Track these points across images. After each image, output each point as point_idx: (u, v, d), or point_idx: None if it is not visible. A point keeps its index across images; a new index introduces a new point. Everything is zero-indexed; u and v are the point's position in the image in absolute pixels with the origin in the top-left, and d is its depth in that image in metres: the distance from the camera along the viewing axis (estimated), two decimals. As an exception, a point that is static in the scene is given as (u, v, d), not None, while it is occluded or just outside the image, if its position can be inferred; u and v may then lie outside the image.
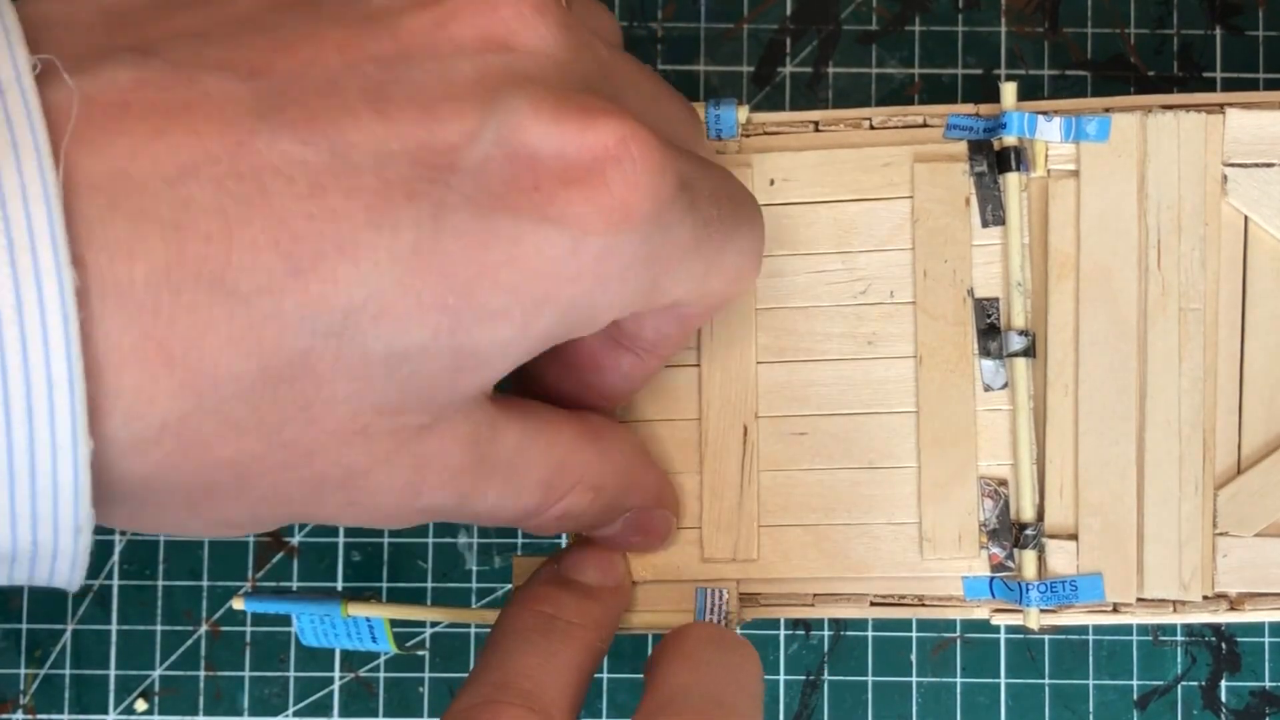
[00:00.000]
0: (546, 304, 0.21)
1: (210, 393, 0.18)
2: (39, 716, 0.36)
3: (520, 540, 0.36)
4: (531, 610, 0.26)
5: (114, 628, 0.36)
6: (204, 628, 0.36)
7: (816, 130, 0.30)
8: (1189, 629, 0.36)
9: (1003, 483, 0.29)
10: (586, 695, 0.25)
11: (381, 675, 0.36)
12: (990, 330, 0.29)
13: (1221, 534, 0.29)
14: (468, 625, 0.36)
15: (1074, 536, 0.29)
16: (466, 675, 0.36)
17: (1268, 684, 0.36)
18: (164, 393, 0.18)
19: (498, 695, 0.23)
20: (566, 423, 0.25)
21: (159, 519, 0.21)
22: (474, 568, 0.36)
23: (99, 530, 0.20)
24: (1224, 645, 0.36)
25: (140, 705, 0.36)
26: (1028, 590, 0.29)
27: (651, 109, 0.24)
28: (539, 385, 0.27)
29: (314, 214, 0.18)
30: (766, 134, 0.30)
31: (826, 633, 0.36)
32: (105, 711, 0.36)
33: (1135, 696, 0.36)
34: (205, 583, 0.36)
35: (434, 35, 0.20)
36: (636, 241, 0.21)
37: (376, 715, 0.36)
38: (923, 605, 0.29)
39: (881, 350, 0.29)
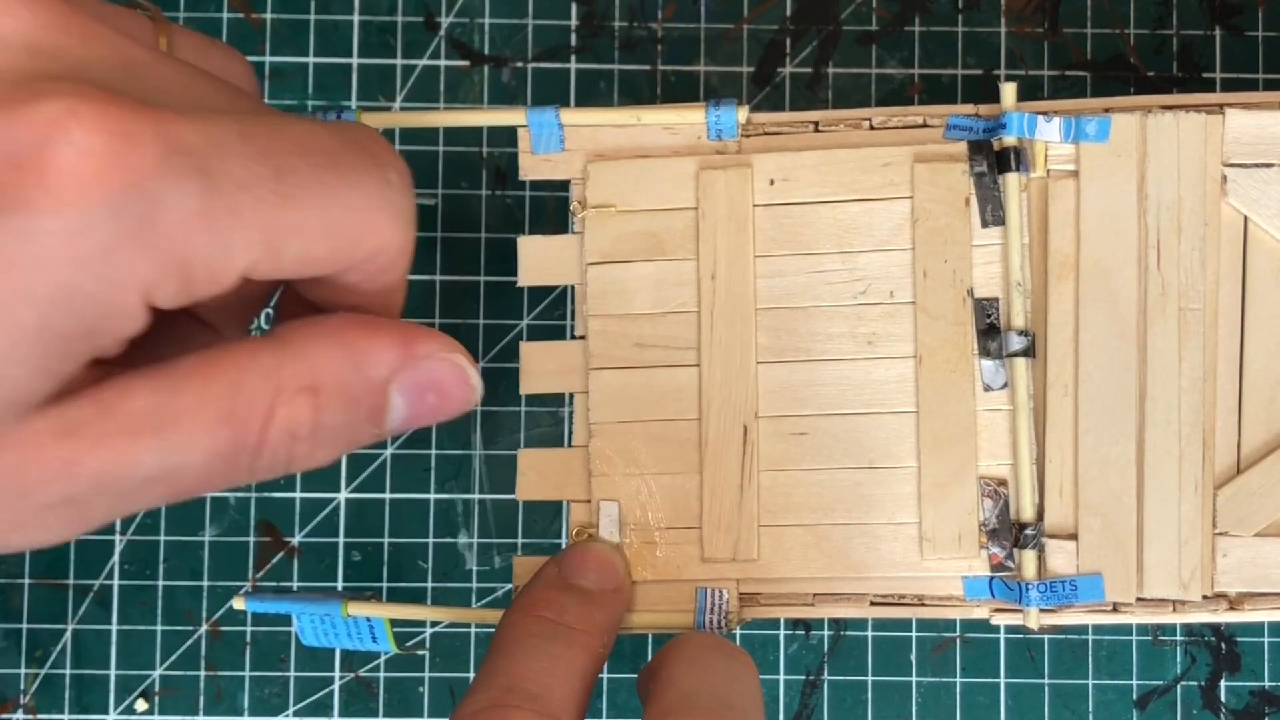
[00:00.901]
0: (20, 298, 0.19)
1: None
2: (39, 716, 0.36)
3: (520, 540, 0.36)
4: (534, 616, 0.26)
5: (114, 628, 0.36)
6: (204, 628, 0.36)
7: (816, 130, 0.30)
8: (1189, 629, 0.36)
9: (1002, 483, 0.29)
10: (590, 698, 0.25)
11: (381, 675, 0.36)
12: (990, 330, 0.29)
13: (1221, 534, 0.29)
14: (468, 625, 0.36)
15: (1074, 536, 0.29)
16: (466, 675, 0.36)
17: (1267, 684, 0.36)
18: None
19: (505, 699, 0.23)
20: (229, 350, 0.23)
21: None
22: (474, 568, 0.36)
23: (100, 530, 0.20)
24: (1224, 645, 0.36)
25: (140, 705, 0.36)
26: (1027, 590, 0.29)
27: (201, 87, 0.23)
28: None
29: None
30: (766, 134, 0.30)
31: (826, 633, 0.36)
32: (105, 711, 0.36)
33: (1135, 696, 0.36)
34: (205, 583, 0.36)
35: None
36: (108, 216, 0.19)
37: (376, 715, 0.36)
38: (923, 605, 0.29)
39: (881, 350, 0.30)
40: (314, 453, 0.23)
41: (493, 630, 0.35)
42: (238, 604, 0.30)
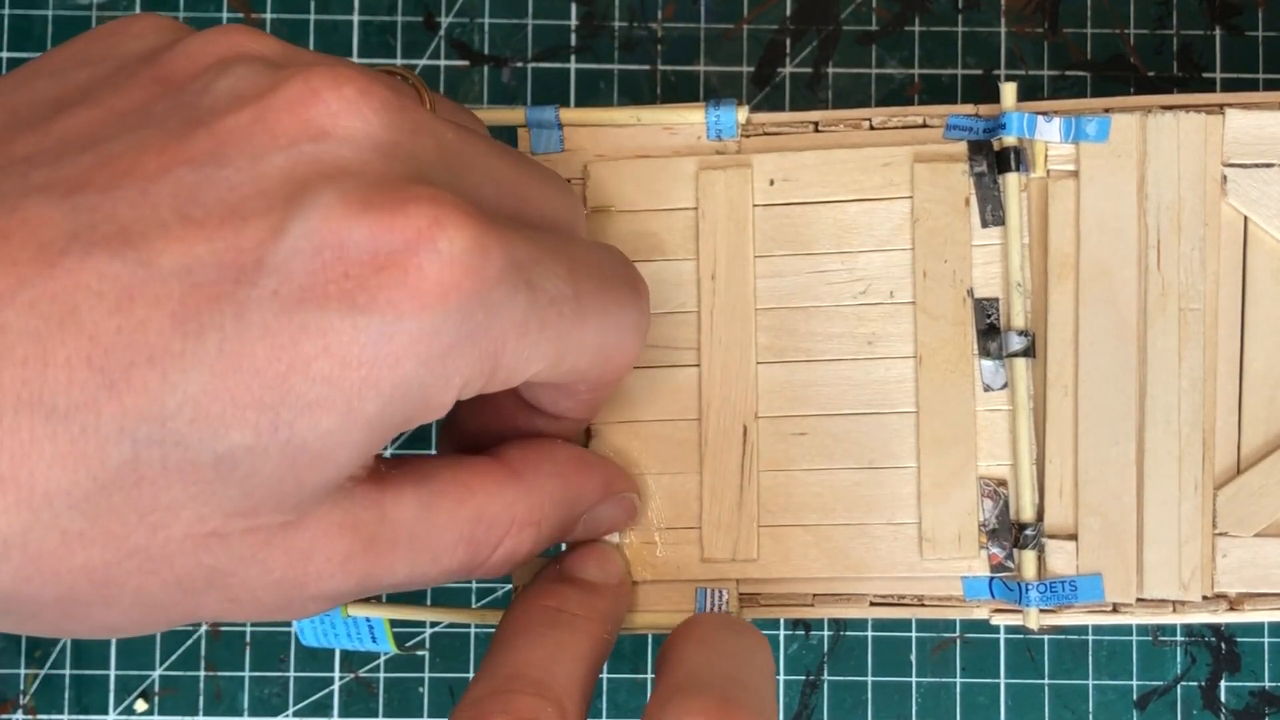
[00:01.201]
0: (368, 390, 0.20)
1: (45, 508, 0.19)
2: (39, 716, 0.36)
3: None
4: (537, 605, 0.26)
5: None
6: (204, 628, 0.36)
7: (816, 130, 0.30)
8: (1189, 629, 0.36)
9: (1002, 483, 0.29)
10: (596, 683, 0.26)
11: (381, 675, 0.36)
12: (990, 330, 0.29)
13: (1221, 534, 0.29)
14: (468, 625, 0.36)
15: (1074, 536, 0.29)
16: (466, 675, 0.36)
17: (1267, 684, 0.36)
18: (0, 511, 0.19)
19: (509, 685, 0.24)
20: (476, 473, 0.25)
21: (41, 627, 0.22)
22: (474, 568, 0.36)
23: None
24: (1224, 645, 0.36)
25: (140, 705, 0.36)
26: (1027, 590, 0.29)
27: (510, 191, 0.24)
28: (467, 434, 0.28)
29: (121, 326, 0.19)
30: (766, 134, 0.30)
31: (826, 633, 0.36)
32: (105, 711, 0.36)
33: (1135, 696, 0.36)
34: (205, 583, 0.36)
35: (251, 130, 0.21)
36: (457, 321, 0.21)
37: (376, 715, 0.36)
38: (922, 605, 0.29)
39: (881, 350, 0.30)
40: (509, 569, 0.26)
41: (493, 631, 0.35)
42: (238, 604, 0.30)
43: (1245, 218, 0.29)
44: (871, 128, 0.30)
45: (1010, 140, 0.29)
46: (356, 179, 0.21)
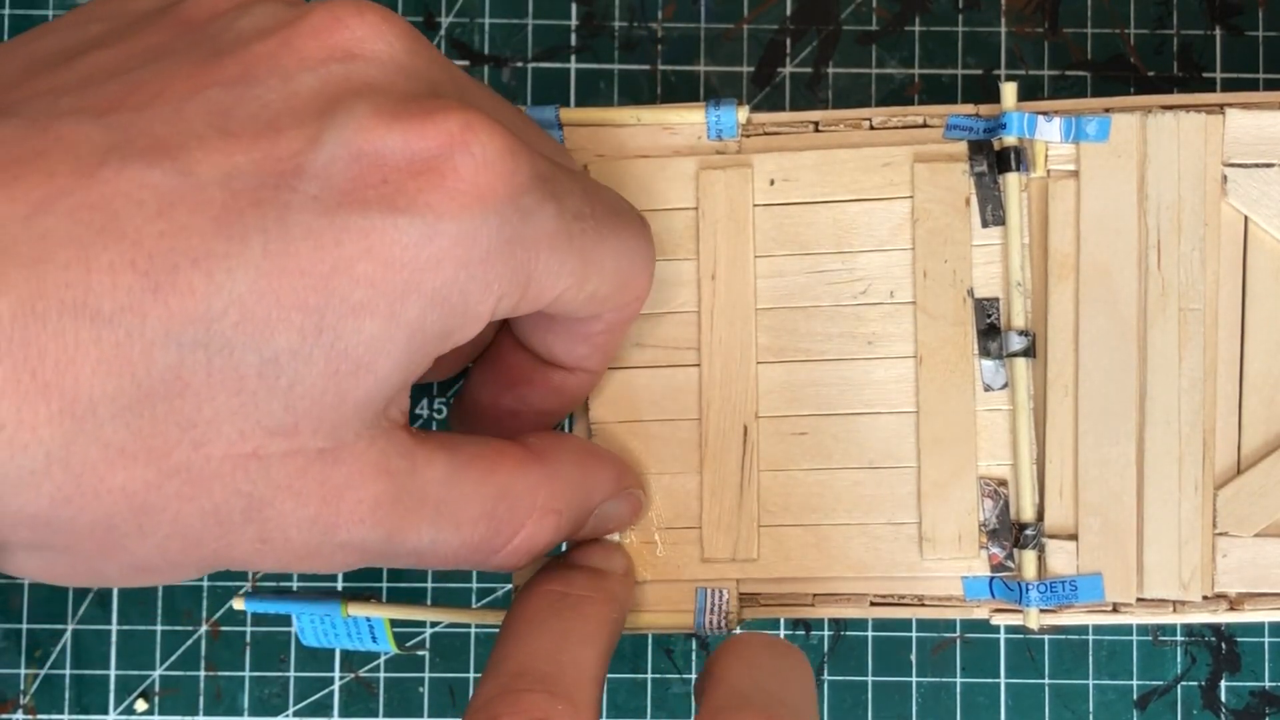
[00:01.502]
0: (411, 293, 0.21)
1: (89, 417, 0.19)
2: (39, 716, 0.36)
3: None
4: (542, 591, 0.26)
5: (114, 628, 0.36)
6: (204, 628, 0.36)
7: (816, 130, 0.30)
8: (1189, 629, 0.36)
9: (1003, 483, 0.29)
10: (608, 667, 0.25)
11: (381, 675, 0.36)
12: (990, 330, 0.29)
13: (1221, 534, 0.29)
14: (468, 625, 0.36)
15: (1074, 536, 0.29)
16: (466, 675, 0.36)
17: (1267, 684, 0.36)
18: (43, 421, 0.19)
19: (515, 683, 0.23)
20: (503, 452, 0.25)
21: (73, 565, 0.21)
22: (474, 568, 0.36)
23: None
24: (1224, 645, 0.36)
25: (140, 705, 0.36)
26: (1027, 590, 0.29)
27: (509, 119, 0.25)
28: (479, 404, 0.28)
29: (164, 231, 0.19)
30: (766, 134, 0.30)
31: (826, 633, 0.36)
32: (105, 711, 0.36)
33: (1135, 696, 0.36)
34: (205, 583, 0.36)
35: (279, 54, 0.21)
36: (495, 224, 0.21)
37: (376, 715, 0.36)
38: (923, 605, 0.29)
39: (881, 350, 0.30)
40: (524, 561, 0.26)
41: (493, 630, 0.35)
42: (238, 604, 0.30)
43: (1245, 218, 0.29)
44: (871, 128, 0.30)
45: (1010, 140, 0.29)
46: (386, 93, 0.21)
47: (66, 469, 0.19)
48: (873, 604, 0.29)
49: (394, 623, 0.30)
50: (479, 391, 0.28)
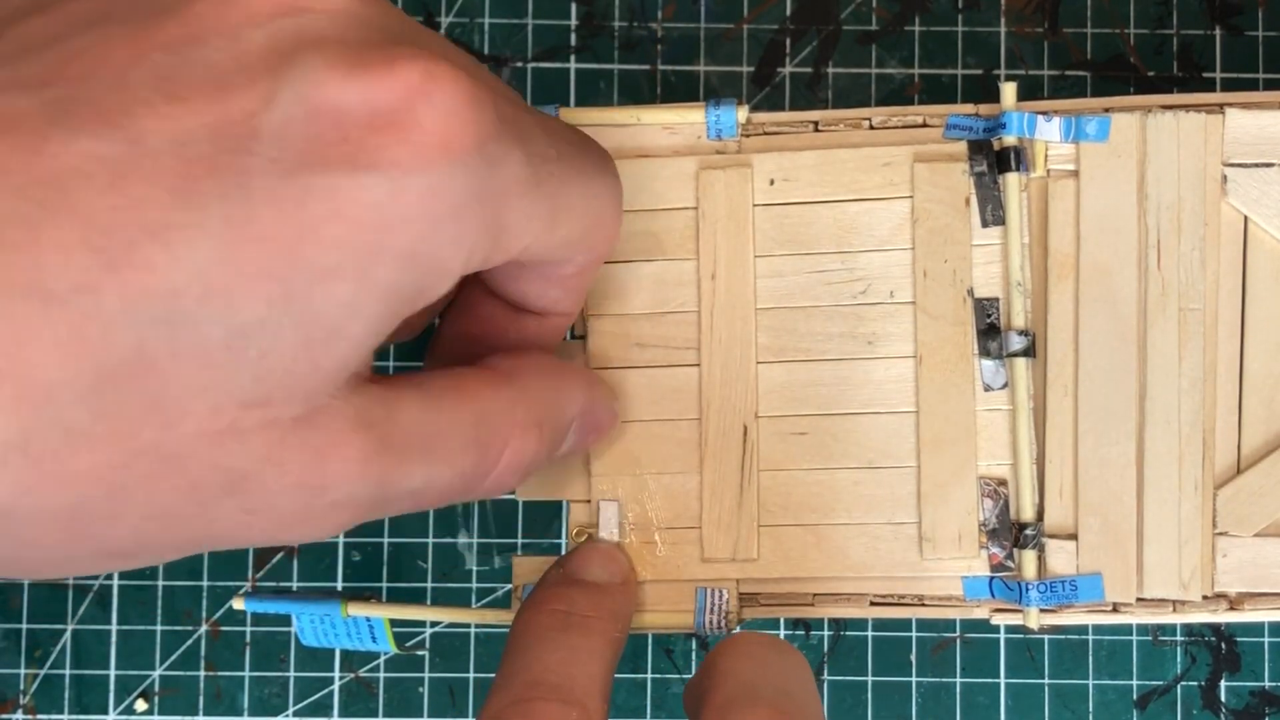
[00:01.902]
0: (381, 254, 0.20)
1: (46, 403, 0.18)
2: (39, 716, 0.36)
3: (520, 540, 0.36)
4: (546, 610, 0.26)
5: (114, 628, 0.36)
6: (204, 628, 0.36)
7: (816, 130, 0.30)
8: (1189, 629, 0.36)
9: (1002, 483, 0.29)
10: (612, 682, 0.25)
11: (381, 675, 0.36)
12: (990, 330, 0.29)
13: (1221, 534, 0.29)
14: (468, 625, 0.36)
15: (1074, 536, 0.29)
16: (466, 675, 0.36)
17: (1267, 684, 0.36)
18: None
19: (529, 693, 0.23)
20: (472, 378, 0.24)
21: (43, 556, 0.20)
22: (474, 568, 0.36)
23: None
24: (1224, 645, 0.36)
25: (140, 705, 0.36)
26: (1027, 590, 0.29)
27: (467, 65, 0.24)
28: (453, 354, 0.27)
29: (117, 205, 0.18)
30: (766, 134, 0.30)
31: (826, 633, 0.36)
32: (105, 711, 0.36)
33: (1135, 696, 0.36)
34: (205, 583, 0.36)
35: (223, 12, 0.20)
36: (462, 175, 0.20)
37: (376, 715, 0.36)
38: (923, 605, 0.29)
39: (881, 350, 0.30)
40: (513, 481, 0.25)
41: (493, 630, 0.35)
42: (237, 604, 0.30)
43: (1245, 218, 0.29)
44: (871, 128, 0.30)
45: (1010, 140, 0.29)
46: (339, 45, 0.20)
47: (25, 456, 0.18)
48: (873, 604, 0.29)
49: (394, 623, 0.30)
50: (452, 342, 0.28)
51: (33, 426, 0.18)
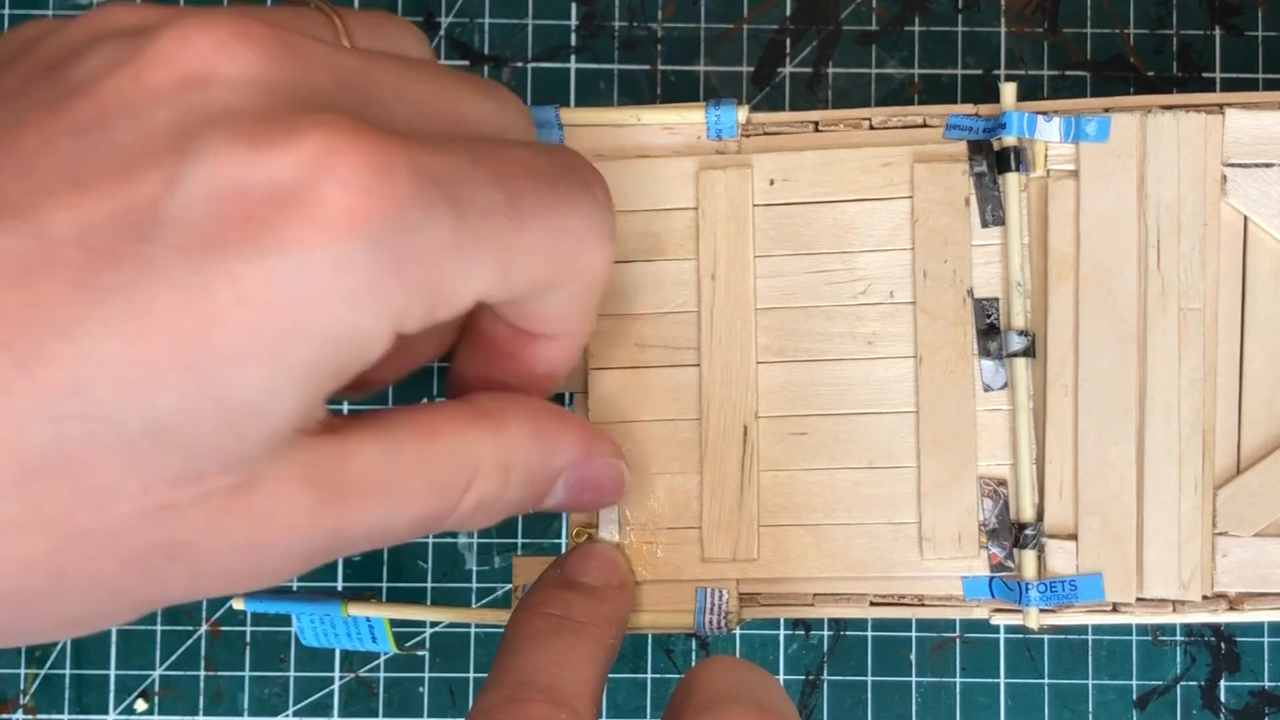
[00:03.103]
0: (292, 335, 0.19)
1: None
2: (39, 716, 0.36)
3: (520, 540, 0.36)
4: (541, 614, 0.26)
5: (114, 627, 0.36)
6: (204, 628, 0.36)
7: (816, 130, 0.30)
8: (1188, 629, 0.36)
9: (1002, 483, 0.29)
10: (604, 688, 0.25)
11: (381, 675, 0.36)
12: (990, 330, 0.29)
13: (1221, 534, 0.29)
14: (468, 625, 0.36)
15: (1074, 536, 0.29)
16: (467, 675, 0.36)
17: (1267, 684, 0.36)
18: None
19: (519, 693, 0.23)
20: (444, 415, 0.24)
21: (6, 629, 0.21)
22: (474, 568, 0.36)
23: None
24: (1223, 645, 0.36)
25: (140, 705, 0.36)
26: (1027, 590, 0.29)
27: (431, 108, 0.23)
28: (467, 379, 0.27)
29: (25, 301, 0.18)
30: (766, 134, 0.30)
31: (826, 633, 0.36)
32: (105, 711, 0.36)
33: (1135, 696, 0.36)
34: (205, 583, 0.36)
35: (131, 90, 0.20)
36: (373, 250, 0.19)
37: (376, 715, 0.36)
38: (923, 605, 0.29)
39: (881, 350, 0.30)
40: (483, 520, 0.25)
41: (493, 630, 0.35)
42: (237, 604, 0.30)
43: (1245, 218, 0.29)
44: (871, 128, 0.30)
45: (1010, 140, 0.29)
46: (244, 119, 0.20)
47: None
48: (873, 604, 0.29)
49: (394, 622, 0.30)
50: (465, 367, 0.27)
51: None
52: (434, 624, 0.36)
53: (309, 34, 0.22)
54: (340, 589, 0.36)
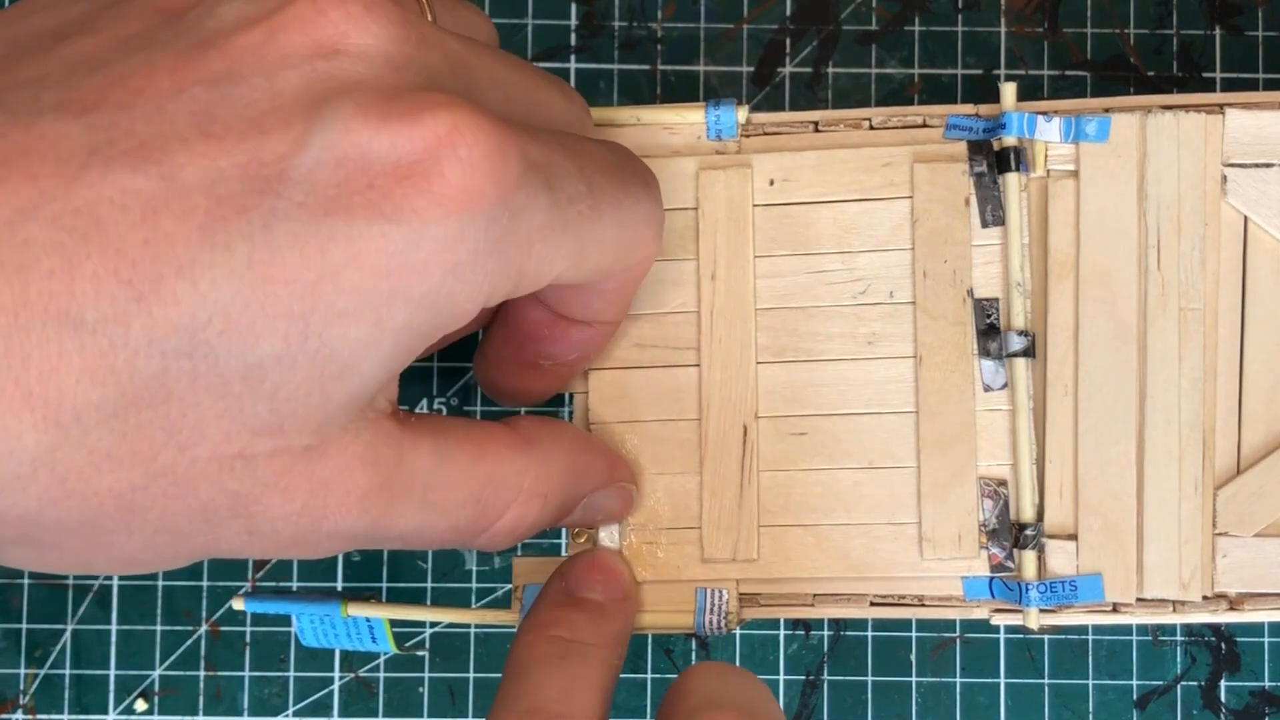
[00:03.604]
0: (397, 299, 0.21)
1: (73, 425, 0.19)
2: (39, 716, 0.36)
3: (520, 540, 0.36)
4: (547, 637, 0.26)
5: (114, 628, 0.36)
6: (204, 628, 0.36)
7: (816, 130, 0.30)
8: (1189, 629, 0.36)
9: (1002, 483, 0.29)
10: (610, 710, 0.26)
11: (381, 675, 0.36)
12: (990, 330, 0.29)
13: (1221, 534, 0.29)
14: (468, 625, 0.36)
15: (1074, 536, 0.29)
16: (466, 675, 0.36)
17: (1267, 684, 0.36)
18: (28, 428, 0.19)
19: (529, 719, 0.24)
20: (492, 435, 0.25)
21: (61, 558, 0.21)
22: (474, 568, 0.36)
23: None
24: (1223, 645, 0.36)
25: (140, 705, 0.36)
26: (1027, 590, 0.29)
27: (517, 97, 0.24)
28: (501, 360, 0.28)
29: (149, 239, 0.19)
30: (766, 134, 0.30)
31: (826, 633, 0.36)
32: (105, 711, 0.36)
33: (1135, 696, 0.36)
34: (205, 583, 0.36)
35: (263, 49, 0.21)
36: (482, 226, 0.21)
37: (376, 715, 0.36)
38: (922, 605, 0.29)
39: (881, 350, 0.30)
40: (507, 543, 0.26)
41: (493, 630, 0.35)
42: (237, 604, 0.30)
43: (1245, 218, 0.29)
44: (871, 128, 0.30)
45: (1010, 140, 0.29)
46: (372, 91, 0.21)
47: (52, 473, 0.19)
48: (873, 604, 0.29)
49: (394, 623, 0.30)
50: (499, 347, 0.28)
51: (60, 446, 0.19)
52: (434, 624, 0.36)
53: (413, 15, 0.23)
54: (340, 589, 0.36)
